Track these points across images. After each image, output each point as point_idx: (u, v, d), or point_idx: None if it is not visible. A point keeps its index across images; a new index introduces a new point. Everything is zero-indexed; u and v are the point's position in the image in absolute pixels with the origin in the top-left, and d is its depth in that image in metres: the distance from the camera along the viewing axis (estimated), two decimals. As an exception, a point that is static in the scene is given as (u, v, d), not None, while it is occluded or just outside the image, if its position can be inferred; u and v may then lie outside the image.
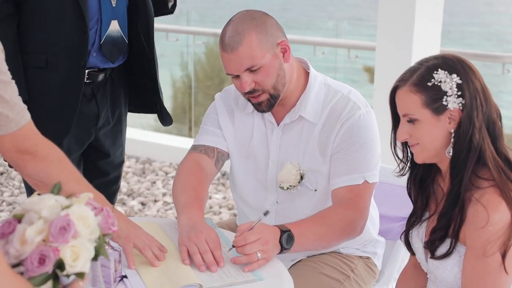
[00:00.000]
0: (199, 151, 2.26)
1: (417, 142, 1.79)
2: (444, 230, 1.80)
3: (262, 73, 2.06)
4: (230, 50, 2.03)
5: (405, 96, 1.77)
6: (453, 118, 1.75)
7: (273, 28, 2.08)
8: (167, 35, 6.13)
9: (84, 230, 1.30)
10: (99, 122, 2.60)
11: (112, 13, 2.48)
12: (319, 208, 2.14)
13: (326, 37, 6.19)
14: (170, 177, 5.45)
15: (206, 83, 7.44)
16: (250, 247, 1.83)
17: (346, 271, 2.23)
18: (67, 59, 2.44)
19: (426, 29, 4.24)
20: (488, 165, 1.74)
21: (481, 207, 1.70)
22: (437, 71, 1.74)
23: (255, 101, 2.13)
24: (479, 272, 1.73)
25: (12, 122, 1.63)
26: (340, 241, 2.12)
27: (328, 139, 2.15)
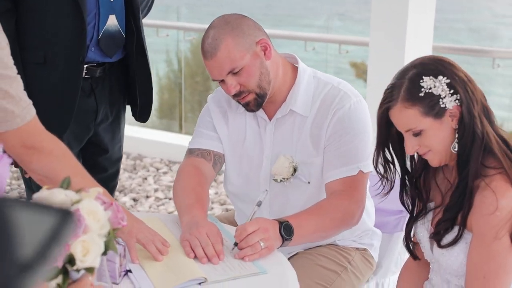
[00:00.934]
0: (196, 155, 2.29)
1: (428, 150, 1.82)
2: (450, 222, 1.83)
3: (244, 74, 2.09)
4: (210, 56, 2.08)
5: (401, 114, 1.79)
6: (454, 115, 1.78)
7: (250, 29, 2.11)
8: (157, 31, 6.12)
9: (94, 225, 1.30)
10: (98, 118, 2.60)
11: (110, 8, 2.48)
12: (312, 200, 2.16)
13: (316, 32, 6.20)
14: (162, 173, 5.45)
15: (193, 79, 7.42)
16: (252, 237, 1.85)
17: (343, 262, 2.25)
18: (65, 55, 2.43)
19: (419, 24, 4.26)
20: (495, 152, 1.77)
21: (490, 193, 1.73)
22: (422, 79, 1.76)
23: (243, 102, 2.16)
24: (484, 257, 1.76)
25: (17, 118, 1.63)
26: (339, 230, 2.15)
27: (321, 131, 2.17)
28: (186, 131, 6.69)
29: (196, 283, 1.73)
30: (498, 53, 5.01)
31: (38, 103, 2.36)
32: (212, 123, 2.32)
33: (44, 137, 1.72)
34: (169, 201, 4.91)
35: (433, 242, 1.90)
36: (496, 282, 1.77)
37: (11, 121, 1.62)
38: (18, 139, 1.65)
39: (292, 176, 2.19)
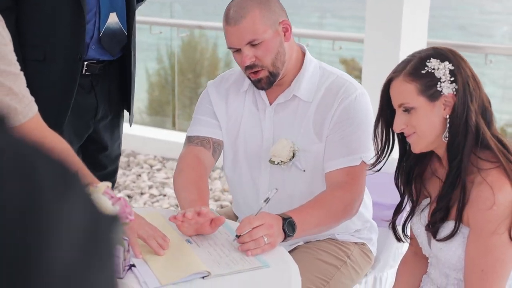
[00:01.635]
0: (196, 144, 2.29)
1: (414, 131, 1.83)
2: (443, 211, 1.85)
3: (262, 48, 2.11)
4: (234, 23, 2.10)
5: (400, 86, 1.82)
6: (448, 104, 1.80)
7: (276, 7, 2.15)
8: (150, 28, 6.11)
9: (110, 211, 1.31)
10: (98, 115, 2.60)
11: (110, 5, 2.48)
12: (308, 189, 2.19)
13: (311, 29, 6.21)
14: (155, 169, 5.46)
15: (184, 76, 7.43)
16: (256, 232, 1.87)
17: (343, 257, 2.28)
18: (64, 53, 2.44)
19: (414, 21, 4.28)
20: (491, 146, 1.79)
21: (486, 187, 1.75)
22: (429, 60, 1.80)
23: (255, 78, 2.18)
24: (481, 251, 1.78)
25: (20, 115, 1.64)
26: (339, 222, 2.17)
27: (325, 118, 2.19)
28: (179, 127, 6.70)
29: (200, 277, 1.75)
30: (490, 49, 5.05)
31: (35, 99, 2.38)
32: (212, 109, 2.33)
33: (45, 134, 1.73)
34: (163, 197, 4.92)
35: (430, 237, 1.92)
36: (494, 275, 1.79)
37: (13, 118, 1.63)
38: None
39: (290, 161, 2.21)
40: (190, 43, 7.54)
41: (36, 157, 0.55)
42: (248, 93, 2.30)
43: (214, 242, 1.95)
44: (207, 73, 7.77)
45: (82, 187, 0.57)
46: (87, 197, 0.57)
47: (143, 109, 7.64)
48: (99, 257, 0.55)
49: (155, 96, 7.82)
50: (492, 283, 1.79)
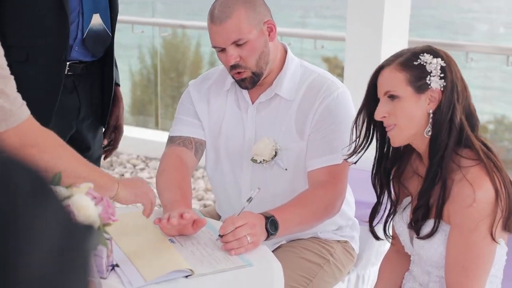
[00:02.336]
0: (178, 144, 2.30)
1: (395, 123, 1.84)
2: (424, 208, 1.87)
3: (247, 48, 2.11)
4: (219, 22, 2.10)
5: (390, 74, 1.84)
6: (433, 100, 1.82)
7: (261, 7, 2.16)
8: (132, 27, 6.10)
9: (85, 220, 1.32)
10: (80, 115, 2.60)
11: (93, 6, 2.47)
12: (290, 187, 2.20)
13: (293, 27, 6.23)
14: (138, 169, 5.46)
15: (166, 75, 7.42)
16: (239, 231, 1.88)
17: (326, 255, 2.29)
18: (47, 54, 2.43)
19: (395, 18, 4.30)
20: (473, 145, 1.82)
21: (467, 185, 1.77)
22: (423, 54, 1.83)
23: (239, 78, 2.18)
24: (462, 248, 1.80)
25: (13, 117, 1.64)
26: (321, 221, 2.18)
27: (306, 117, 2.20)
28: (162, 127, 6.70)
29: (183, 275, 1.75)
30: (471, 47, 5.10)
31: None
32: (193, 109, 2.33)
33: (40, 134, 1.73)
34: (147, 197, 4.92)
35: (412, 235, 1.94)
36: (475, 271, 1.81)
37: (8, 119, 1.63)
38: (16, 138, 1.66)
39: (272, 159, 2.21)
40: (172, 42, 7.54)
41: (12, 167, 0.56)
42: (230, 92, 2.31)
43: (197, 242, 1.95)
44: (190, 72, 7.77)
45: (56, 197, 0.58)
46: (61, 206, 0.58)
47: (126, 108, 7.61)
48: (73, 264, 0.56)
49: (138, 95, 7.81)
50: (472, 279, 1.81)
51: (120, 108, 2.78)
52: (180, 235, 1.98)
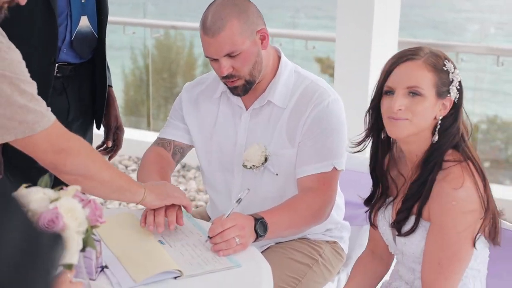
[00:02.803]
0: (157, 145, 2.38)
1: (407, 118, 1.83)
2: (409, 210, 1.89)
3: (240, 59, 2.11)
4: (212, 34, 2.08)
5: (419, 69, 1.83)
6: (444, 107, 1.85)
7: (254, 16, 2.14)
8: (123, 28, 6.10)
9: (72, 223, 1.32)
10: (69, 117, 2.60)
11: (81, 9, 2.48)
12: (280, 192, 2.21)
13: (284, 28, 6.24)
14: (130, 170, 5.46)
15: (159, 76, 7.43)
16: (228, 233, 1.89)
17: (314, 255, 2.30)
18: (37, 56, 2.43)
19: (385, 19, 4.32)
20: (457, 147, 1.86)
21: (446, 184, 1.80)
22: (447, 60, 1.85)
23: (231, 85, 2.18)
24: (439, 245, 1.82)
25: (45, 118, 1.69)
26: (309, 226, 2.20)
27: (297, 124, 2.20)
28: (154, 128, 6.70)
29: (172, 276, 1.76)
30: (461, 47, 5.11)
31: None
32: (181, 113, 2.37)
33: (69, 137, 1.78)
34: (138, 198, 4.92)
35: (395, 232, 1.95)
36: (450, 268, 1.83)
37: (41, 121, 1.68)
38: (48, 143, 1.71)
39: (262, 165, 2.23)
40: (165, 42, 7.53)
41: None
42: (222, 99, 2.31)
43: (186, 243, 1.96)
44: (183, 73, 7.77)
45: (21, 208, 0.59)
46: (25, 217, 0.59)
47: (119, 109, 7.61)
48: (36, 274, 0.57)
49: (130, 96, 7.81)
50: (447, 276, 1.83)
51: (116, 108, 2.80)
52: (170, 236, 1.99)
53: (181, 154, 2.39)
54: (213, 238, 1.90)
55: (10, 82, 1.64)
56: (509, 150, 6.62)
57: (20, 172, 2.43)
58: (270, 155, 2.22)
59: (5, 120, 1.63)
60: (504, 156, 6.46)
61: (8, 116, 1.63)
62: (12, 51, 1.70)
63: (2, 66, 1.64)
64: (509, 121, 7.18)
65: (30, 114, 1.66)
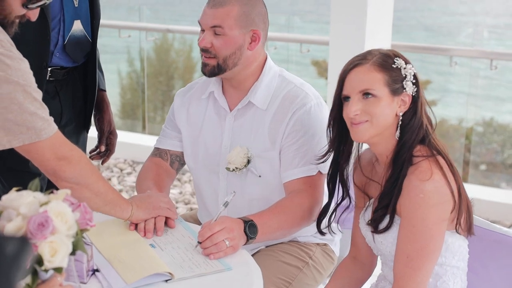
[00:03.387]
0: (155, 155, 2.43)
1: (367, 119, 1.87)
2: (385, 208, 1.91)
3: (222, 41, 2.17)
4: (212, 5, 2.17)
5: (367, 73, 1.87)
6: (403, 103, 1.89)
7: (257, 16, 2.19)
8: (119, 32, 6.11)
9: (62, 226, 1.34)
10: (63, 120, 2.60)
11: (74, 13, 2.48)
12: (265, 193, 2.23)
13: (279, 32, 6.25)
14: (125, 173, 5.46)
15: (156, 79, 7.43)
16: (217, 236, 1.90)
17: (305, 258, 2.31)
18: (29, 60, 2.43)
19: (378, 22, 4.33)
20: (425, 142, 1.89)
21: (414, 177, 1.83)
22: (397, 58, 1.89)
23: (204, 61, 2.22)
24: (408, 238, 1.85)
25: (51, 125, 1.78)
26: (299, 228, 2.21)
27: (279, 127, 2.22)
28: (150, 131, 6.70)
29: (163, 279, 1.77)
30: (455, 51, 5.12)
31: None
32: (174, 121, 2.41)
33: (71, 147, 1.85)
34: (133, 201, 4.92)
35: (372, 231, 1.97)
36: (419, 261, 1.84)
37: (47, 128, 1.76)
38: (51, 151, 1.79)
39: (245, 167, 2.24)
40: (163, 45, 7.54)
41: None
42: (209, 100, 2.34)
43: (177, 246, 1.98)
44: (181, 76, 7.77)
45: None
46: None
47: (115, 112, 7.62)
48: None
49: (127, 99, 7.81)
50: (416, 269, 1.85)
51: (110, 113, 2.80)
52: (160, 239, 2.01)
53: (179, 162, 2.43)
54: (203, 243, 1.91)
55: (23, 90, 1.72)
56: (505, 153, 6.62)
57: (13, 176, 2.44)
58: (253, 157, 2.24)
59: (14, 126, 1.71)
60: (500, 159, 6.47)
61: (19, 122, 1.71)
62: (24, 62, 1.78)
63: (16, 75, 1.71)
64: (505, 124, 7.19)
65: (39, 121, 1.74)
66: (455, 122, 6.76)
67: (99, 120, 2.78)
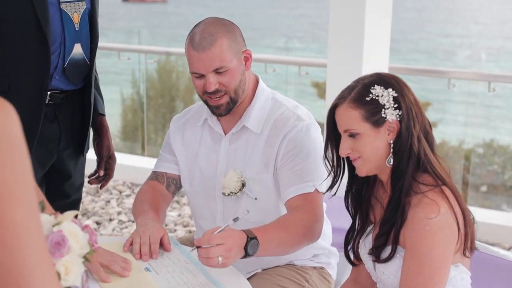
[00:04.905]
0: (151, 179, 2.43)
1: (359, 156, 1.88)
2: (386, 235, 1.89)
3: (228, 75, 2.16)
4: (202, 49, 2.13)
5: (345, 113, 1.86)
6: (392, 130, 1.86)
7: (240, 37, 2.21)
8: (118, 54, 6.14)
9: (75, 246, 1.34)
10: (61, 144, 2.61)
11: (75, 37, 2.49)
12: (261, 217, 2.20)
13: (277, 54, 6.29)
14: (125, 195, 5.46)
15: (157, 100, 7.47)
16: (213, 251, 1.87)
17: (302, 281, 2.30)
18: (29, 83, 2.44)
19: (375, 46, 4.36)
20: (429, 170, 1.86)
21: (420, 209, 1.80)
22: (373, 86, 1.84)
23: (215, 104, 2.21)
24: (413, 271, 1.82)
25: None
26: (301, 246, 2.17)
27: (272, 150, 2.22)
28: (149, 153, 6.71)
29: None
30: (453, 73, 5.13)
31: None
32: (171, 146, 2.41)
33: None
34: (132, 223, 4.92)
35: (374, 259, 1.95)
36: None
37: None
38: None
39: (240, 191, 2.24)
40: (165, 67, 7.57)
41: None
42: (204, 126, 2.35)
43: (172, 270, 1.97)
44: (182, 98, 7.80)
45: None
46: None
47: (116, 133, 7.64)
48: None
49: (128, 121, 7.84)
50: None
51: (109, 138, 2.81)
52: (156, 263, 2.00)
53: (176, 185, 2.42)
54: (199, 250, 1.89)
55: None
56: (506, 174, 6.63)
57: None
58: (248, 180, 2.24)
59: None
60: (501, 180, 6.47)
61: None
62: None
63: None
64: (506, 145, 7.21)
65: None
66: (455, 143, 6.78)
67: (98, 145, 2.78)
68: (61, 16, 2.45)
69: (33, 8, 2.37)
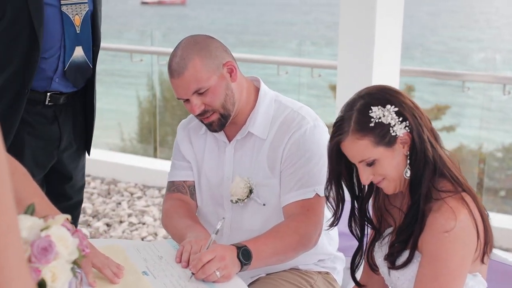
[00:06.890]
0: (172, 191, 2.34)
1: (383, 178, 1.84)
2: (403, 243, 1.85)
3: (210, 94, 2.12)
4: (177, 75, 2.11)
5: (353, 146, 1.81)
6: (405, 141, 1.81)
7: (217, 50, 2.15)
8: (131, 56, 6.14)
9: (64, 251, 1.32)
10: (62, 145, 2.60)
11: (76, 39, 2.48)
12: (269, 222, 2.17)
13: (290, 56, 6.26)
14: (136, 197, 5.46)
15: (173, 102, 7.45)
16: (209, 267, 1.85)
17: (306, 286, 2.26)
18: (10, 84, 2.43)
19: (386, 48, 4.33)
20: (446, 175, 1.82)
21: (439, 215, 1.77)
22: (370, 110, 1.79)
23: (207, 122, 2.19)
24: (429, 277, 1.79)
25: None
26: (297, 253, 2.15)
27: (277, 153, 2.19)
28: (161, 155, 6.70)
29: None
30: (467, 76, 5.07)
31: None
32: (180, 151, 2.36)
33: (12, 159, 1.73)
34: (142, 226, 4.91)
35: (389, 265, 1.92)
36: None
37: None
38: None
39: (248, 197, 2.21)
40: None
41: None
42: (207, 134, 2.32)
43: (170, 274, 1.94)
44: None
45: None
46: None
47: (133, 135, 7.65)
48: None
49: (144, 123, 7.85)
50: None
51: None
52: (154, 267, 1.97)
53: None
54: (196, 274, 1.87)
55: None
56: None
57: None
58: (255, 186, 2.21)
59: None
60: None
61: None
62: None
63: None
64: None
65: None
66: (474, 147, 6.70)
67: None
68: (62, 19, 2.44)
69: (28, 8, 2.35)
